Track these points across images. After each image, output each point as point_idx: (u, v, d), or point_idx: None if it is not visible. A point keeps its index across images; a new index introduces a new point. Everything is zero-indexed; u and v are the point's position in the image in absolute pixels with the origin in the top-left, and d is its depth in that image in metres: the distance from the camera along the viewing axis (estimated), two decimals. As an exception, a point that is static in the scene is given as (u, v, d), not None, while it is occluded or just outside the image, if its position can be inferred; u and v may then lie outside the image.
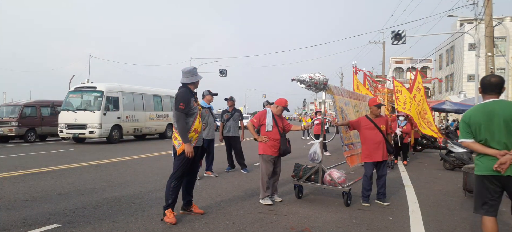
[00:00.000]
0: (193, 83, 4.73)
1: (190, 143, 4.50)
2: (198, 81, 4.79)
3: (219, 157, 9.54)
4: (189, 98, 4.59)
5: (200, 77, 4.78)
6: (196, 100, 4.77)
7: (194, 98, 4.70)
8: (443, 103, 18.53)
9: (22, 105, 17.96)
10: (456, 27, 36.10)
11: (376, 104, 5.81)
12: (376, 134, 5.66)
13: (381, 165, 5.71)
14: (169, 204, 4.50)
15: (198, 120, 4.66)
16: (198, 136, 4.71)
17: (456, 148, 9.77)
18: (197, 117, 4.65)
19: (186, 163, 4.55)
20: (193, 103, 4.65)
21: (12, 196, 5.81)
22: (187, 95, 4.59)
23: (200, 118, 4.72)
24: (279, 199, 5.79)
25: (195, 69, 4.81)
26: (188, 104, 4.55)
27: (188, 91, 4.67)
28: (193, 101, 4.65)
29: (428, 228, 4.60)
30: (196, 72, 4.79)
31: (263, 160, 5.67)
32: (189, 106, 4.56)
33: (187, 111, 4.54)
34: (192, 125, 4.57)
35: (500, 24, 15.80)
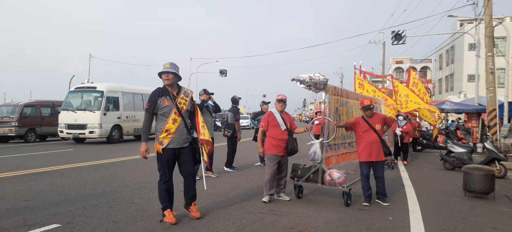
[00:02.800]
0: (161, 77, 4.43)
1: (149, 142, 4.21)
2: (161, 75, 4.39)
3: (219, 157, 9.54)
4: (155, 98, 4.38)
5: (162, 71, 4.38)
6: (174, 99, 4.39)
7: (170, 97, 4.38)
8: (443, 103, 18.53)
9: (22, 105, 17.95)
10: (456, 27, 36.09)
11: (363, 106, 5.81)
12: (371, 134, 5.69)
13: (376, 166, 5.71)
14: (164, 206, 4.50)
15: (172, 120, 4.34)
16: (173, 137, 4.37)
17: (456, 148, 9.77)
18: (170, 116, 4.34)
19: (161, 163, 4.42)
20: (163, 102, 4.36)
21: (12, 196, 5.81)
22: (154, 95, 4.40)
23: (178, 118, 4.37)
24: (287, 198, 5.77)
25: (171, 64, 4.46)
26: (152, 104, 4.37)
27: (158, 90, 4.43)
28: (163, 100, 4.36)
29: (428, 228, 4.60)
30: (168, 66, 4.41)
31: (267, 159, 5.74)
32: (155, 106, 4.37)
33: (152, 111, 4.39)
34: (164, 125, 4.33)
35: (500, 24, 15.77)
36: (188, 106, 4.52)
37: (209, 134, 4.63)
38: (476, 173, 6.29)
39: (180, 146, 4.44)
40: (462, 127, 19.05)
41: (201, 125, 4.60)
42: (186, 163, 4.53)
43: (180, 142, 4.43)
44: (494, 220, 5.05)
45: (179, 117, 4.38)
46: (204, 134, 4.56)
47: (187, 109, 4.50)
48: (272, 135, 5.71)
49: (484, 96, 14.01)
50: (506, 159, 9.91)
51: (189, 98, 4.55)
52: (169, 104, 4.36)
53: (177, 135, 4.39)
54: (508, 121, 14.74)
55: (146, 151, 4.32)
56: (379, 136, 5.70)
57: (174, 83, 4.46)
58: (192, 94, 4.65)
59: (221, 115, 32.00)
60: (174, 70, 4.40)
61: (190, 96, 4.59)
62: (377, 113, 6.04)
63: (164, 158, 4.39)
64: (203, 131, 4.57)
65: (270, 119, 5.79)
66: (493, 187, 6.35)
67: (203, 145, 4.61)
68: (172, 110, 4.35)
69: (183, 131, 4.43)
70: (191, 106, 4.61)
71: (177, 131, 4.38)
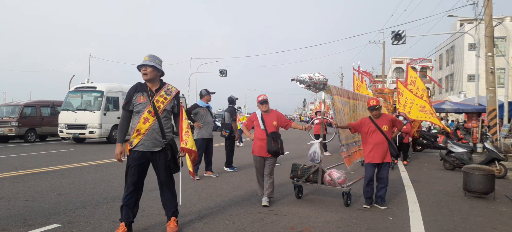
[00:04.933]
0: (140, 71, 3.99)
1: (124, 143, 3.88)
2: (140, 69, 3.96)
3: (219, 157, 9.55)
4: (131, 93, 3.99)
5: (139, 64, 3.96)
6: (152, 96, 3.95)
7: (147, 93, 3.95)
8: (443, 103, 18.54)
9: (22, 105, 17.95)
10: (456, 27, 36.09)
11: (369, 106, 5.76)
12: (377, 135, 5.60)
13: (381, 166, 5.65)
14: (120, 218, 4.00)
15: (143, 119, 3.89)
16: (142, 138, 3.89)
17: (456, 148, 9.78)
18: (142, 115, 3.89)
19: (127, 168, 3.97)
20: (139, 98, 3.94)
21: (12, 196, 5.81)
22: (130, 90, 4.02)
23: (152, 117, 3.91)
24: (265, 202, 5.44)
25: (151, 56, 3.99)
26: (128, 100, 3.99)
27: (135, 86, 4.04)
28: (139, 96, 3.95)
29: (428, 228, 4.60)
30: (147, 59, 3.96)
31: (253, 159, 5.76)
32: (130, 102, 3.98)
33: (127, 108, 3.99)
34: (135, 124, 3.92)
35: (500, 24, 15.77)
36: (168, 106, 4.00)
37: (193, 143, 4.19)
38: (476, 173, 6.29)
39: (150, 150, 3.92)
40: (462, 127, 19.05)
41: (184, 131, 4.11)
42: (159, 171, 4.04)
43: (150, 145, 3.92)
44: (494, 220, 5.05)
45: (153, 117, 3.90)
46: (187, 142, 4.10)
47: (166, 109, 3.99)
48: (255, 135, 5.70)
49: (484, 96, 14.01)
50: (506, 159, 9.91)
51: (171, 97, 4.03)
52: (144, 102, 3.92)
53: (147, 137, 3.89)
54: (508, 121, 14.74)
55: (121, 153, 3.89)
56: (386, 137, 5.59)
57: (154, 78, 3.99)
58: (177, 93, 4.15)
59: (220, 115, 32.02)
60: (152, 63, 3.92)
61: (173, 95, 4.07)
62: (384, 114, 5.97)
63: (130, 160, 3.93)
64: (186, 138, 4.10)
65: (253, 118, 5.80)
66: (493, 187, 6.36)
67: (184, 153, 4.18)
68: (146, 108, 3.90)
69: (155, 132, 3.91)
70: (174, 106, 4.09)
71: (148, 132, 3.89)
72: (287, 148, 6.32)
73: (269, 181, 5.53)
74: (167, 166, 3.98)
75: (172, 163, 3.98)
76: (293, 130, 6.15)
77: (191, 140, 4.18)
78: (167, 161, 3.96)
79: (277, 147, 5.42)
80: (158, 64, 3.97)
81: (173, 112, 4.12)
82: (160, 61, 4.05)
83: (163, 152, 3.96)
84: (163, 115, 3.97)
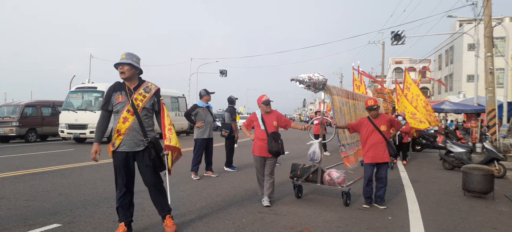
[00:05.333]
0: (117, 70, 3.89)
1: (106, 143, 3.95)
2: (117, 68, 3.85)
3: (219, 157, 9.57)
4: (110, 93, 3.92)
5: (116, 62, 3.86)
6: (130, 94, 3.86)
7: (126, 92, 3.86)
8: (443, 103, 18.57)
9: (23, 105, 17.96)
10: (455, 27, 36.11)
11: (367, 107, 5.79)
12: (376, 135, 5.62)
13: (380, 166, 5.66)
14: (119, 218, 4.03)
15: (122, 119, 3.80)
16: (123, 139, 3.82)
17: (456, 148, 9.79)
18: (121, 115, 3.82)
19: (115, 171, 3.93)
20: (117, 98, 3.86)
21: (13, 196, 5.83)
22: (109, 90, 3.94)
23: (131, 116, 3.81)
24: (266, 203, 5.47)
25: (127, 54, 3.88)
26: (107, 100, 3.94)
27: (114, 85, 3.95)
28: (117, 95, 3.87)
29: (428, 228, 4.62)
30: (123, 57, 3.85)
31: (253, 159, 5.76)
32: (109, 102, 3.92)
33: (106, 108, 3.93)
34: (115, 124, 3.85)
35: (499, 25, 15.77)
36: (147, 104, 3.89)
37: (177, 140, 3.97)
38: (475, 173, 6.31)
39: (132, 149, 3.85)
40: (461, 127, 19.08)
41: (167, 128, 3.92)
42: (144, 171, 3.94)
43: (132, 145, 3.85)
44: (494, 220, 5.07)
45: (132, 116, 3.81)
46: (171, 139, 3.89)
47: (145, 107, 3.88)
48: (255, 135, 5.71)
49: (483, 96, 14.04)
50: (505, 159, 9.93)
51: (150, 95, 3.92)
52: (122, 101, 3.84)
53: (128, 137, 3.82)
54: (507, 121, 14.77)
55: (95, 152, 3.83)
56: (384, 137, 5.61)
57: (132, 76, 3.88)
58: (157, 90, 4.01)
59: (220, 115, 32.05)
60: (129, 61, 3.80)
61: (153, 92, 3.95)
62: (382, 114, 6.00)
63: (115, 161, 3.89)
64: (170, 135, 3.90)
65: (253, 118, 5.80)
66: (492, 187, 6.38)
67: (169, 151, 3.95)
68: (125, 108, 3.81)
69: (136, 131, 3.84)
70: (154, 104, 3.97)
71: (128, 131, 3.81)
72: (287, 148, 6.34)
73: (270, 181, 5.54)
74: (152, 164, 3.88)
75: (157, 161, 3.89)
76: (292, 129, 6.17)
77: (175, 137, 3.96)
78: (151, 160, 3.86)
79: (278, 147, 5.43)
80: (135, 62, 3.86)
81: (154, 110, 4.01)
82: (138, 59, 3.95)
83: (147, 151, 3.87)
84: (143, 113, 3.88)
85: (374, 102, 5.74)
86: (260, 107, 5.69)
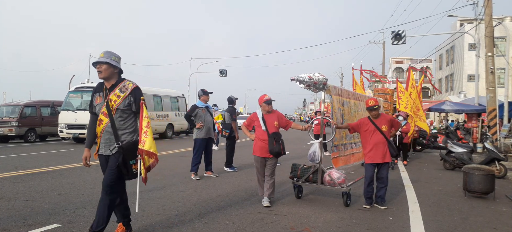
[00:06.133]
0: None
1: (89, 148, 3.69)
2: (95, 67, 3.62)
3: (219, 157, 9.56)
4: (92, 94, 3.76)
5: (94, 62, 3.65)
6: (106, 95, 3.62)
7: (103, 92, 3.66)
8: (443, 103, 18.55)
9: (22, 105, 17.94)
10: (456, 27, 36.11)
11: (368, 107, 5.76)
12: (377, 135, 5.60)
13: (381, 166, 5.64)
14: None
15: (98, 122, 3.63)
16: (100, 142, 3.67)
17: (456, 148, 9.78)
18: (98, 117, 3.64)
19: (103, 172, 3.76)
20: (96, 99, 3.70)
21: (12, 196, 5.81)
22: (93, 91, 3.78)
23: (105, 118, 3.61)
24: (266, 203, 5.44)
25: (106, 53, 3.66)
26: (90, 102, 3.78)
27: (96, 86, 3.78)
28: (97, 97, 3.71)
29: (428, 228, 4.60)
30: (102, 55, 3.64)
31: (253, 160, 5.73)
32: (91, 104, 3.76)
33: (90, 111, 3.78)
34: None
35: (500, 24, 15.75)
36: (121, 104, 3.61)
37: (152, 144, 3.56)
38: (476, 173, 6.29)
39: (107, 153, 3.66)
40: (462, 127, 19.06)
41: (144, 131, 3.56)
42: (106, 173, 3.71)
43: (106, 148, 3.65)
44: (494, 220, 5.06)
45: (106, 117, 3.60)
46: (145, 143, 3.52)
47: (119, 108, 3.61)
48: (256, 135, 5.68)
49: (484, 96, 14.01)
50: (506, 159, 9.92)
51: (125, 95, 3.63)
52: (100, 102, 3.65)
53: (103, 140, 3.65)
54: (508, 121, 14.74)
55: (86, 158, 3.70)
56: (385, 137, 5.59)
57: (110, 76, 3.64)
58: (134, 88, 3.69)
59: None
60: (107, 60, 3.58)
61: (129, 91, 3.65)
62: (383, 114, 5.97)
63: (100, 165, 3.76)
64: (145, 138, 3.53)
65: (254, 118, 5.76)
66: (493, 187, 6.36)
67: (142, 156, 3.56)
68: (101, 109, 3.63)
69: (109, 135, 3.62)
70: (130, 104, 3.66)
71: (103, 134, 3.63)
72: (287, 148, 6.32)
73: (270, 181, 5.52)
74: (118, 171, 3.63)
75: (123, 168, 3.60)
76: (293, 130, 6.15)
77: (150, 141, 3.54)
78: (117, 166, 3.59)
79: (279, 148, 5.40)
80: (114, 61, 3.63)
81: (132, 110, 3.69)
82: (118, 58, 3.72)
83: (116, 155, 3.61)
84: (117, 115, 3.61)
85: (375, 102, 5.71)
86: (262, 107, 5.66)
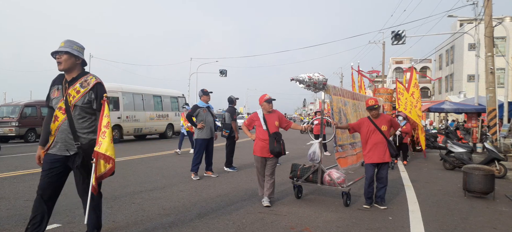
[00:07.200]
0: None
1: (43, 146, 3.34)
2: (54, 57, 3.27)
3: (219, 157, 9.56)
4: (50, 87, 3.40)
5: (53, 51, 3.28)
6: (66, 88, 3.27)
7: (62, 86, 3.30)
8: (443, 103, 18.57)
9: (22, 105, 17.94)
10: (456, 27, 36.11)
11: (368, 106, 5.77)
12: (377, 135, 5.60)
13: (381, 166, 5.64)
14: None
15: (54, 118, 3.29)
16: (54, 140, 3.27)
17: (456, 148, 9.78)
18: (54, 112, 3.30)
19: (42, 172, 3.30)
20: (54, 93, 3.35)
21: (12, 196, 5.82)
22: (51, 83, 3.41)
23: (62, 114, 3.25)
24: (266, 203, 5.44)
25: (66, 42, 3.29)
26: (47, 95, 3.43)
27: (54, 78, 3.43)
28: (54, 90, 3.35)
29: (428, 228, 4.60)
30: (62, 45, 3.27)
31: (254, 160, 5.73)
32: (48, 97, 3.41)
33: (47, 105, 3.44)
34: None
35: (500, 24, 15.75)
36: (79, 101, 3.25)
37: (109, 147, 3.18)
38: (476, 173, 6.30)
39: (62, 153, 3.28)
40: (462, 127, 19.07)
41: (102, 131, 3.18)
42: (77, 179, 3.44)
43: (62, 148, 3.27)
44: (494, 220, 5.06)
45: (63, 114, 3.25)
46: (101, 145, 3.15)
47: (77, 105, 3.25)
48: (257, 135, 5.67)
49: (484, 96, 14.02)
50: (506, 159, 9.92)
51: (85, 90, 3.26)
52: (57, 96, 3.30)
53: (57, 138, 3.27)
54: (508, 121, 14.75)
55: (39, 157, 3.36)
56: (385, 137, 5.59)
57: (72, 67, 3.27)
58: (96, 83, 3.32)
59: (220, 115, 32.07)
60: (67, 49, 3.22)
61: (90, 87, 3.28)
62: (383, 114, 5.99)
63: (43, 163, 3.31)
64: (102, 140, 3.16)
65: (254, 118, 5.75)
66: (493, 187, 6.36)
67: (97, 160, 3.18)
68: (58, 104, 3.28)
69: (65, 134, 3.25)
70: (91, 101, 3.30)
71: (57, 132, 3.26)
72: (287, 148, 6.32)
73: (270, 181, 5.52)
74: (79, 174, 3.35)
75: (82, 170, 3.31)
76: (293, 130, 6.16)
77: (107, 143, 3.17)
78: (76, 168, 3.30)
79: (280, 148, 5.39)
80: (75, 51, 3.26)
81: (93, 108, 3.33)
82: (80, 48, 3.34)
83: (77, 156, 3.28)
84: (76, 112, 3.26)
85: (375, 102, 5.72)
86: (262, 106, 5.67)
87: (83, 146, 3.27)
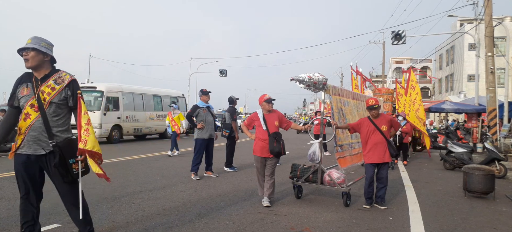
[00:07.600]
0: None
1: (13, 146, 3.19)
2: (21, 54, 3.16)
3: (219, 157, 9.55)
4: (15, 85, 3.25)
5: (19, 48, 3.16)
6: (37, 86, 3.14)
7: (32, 84, 3.16)
8: (443, 103, 18.56)
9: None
10: (456, 27, 36.10)
11: (368, 106, 5.77)
12: (377, 135, 5.59)
13: (381, 166, 5.64)
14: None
15: (24, 116, 3.13)
16: (24, 139, 3.14)
17: (456, 148, 9.78)
18: (23, 110, 3.15)
19: (16, 177, 3.22)
20: (22, 91, 3.19)
21: (12, 196, 5.81)
22: (15, 82, 3.27)
23: (34, 112, 3.12)
24: (266, 203, 5.43)
25: (33, 38, 3.19)
26: (11, 94, 3.28)
27: (20, 77, 3.28)
28: (22, 88, 3.20)
29: (428, 228, 4.60)
30: (29, 41, 3.16)
31: (254, 160, 5.73)
32: (14, 96, 3.25)
33: (11, 103, 3.28)
34: (18, 122, 3.20)
35: (500, 24, 15.75)
36: (55, 98, 3.15)
37: (95, 143, 3.17)
38: (476, 173, 6.30)
39: (34, 153, 3.14)
40: (462, 127, 19.07)
41: (84, 129, 3.13)
42: (53, 179, 3.25)
43: (34, 147, 3.14)
44: (494, 220, 5.06)
45: (36, 112, 3.12)
46: (86, 142, 3.10)
47: (53, 102, 3.15)
48: (256, 135, 5.66)
49: (484, 96, 14.02)
50: (506, 159, 9.92)
51: (61, 87, 3.17)
52: (27, 94, 3.15)
53: (29, 137, 3.13)
54: (508, 121, 14.74)
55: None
56: (385, 137, 5.59)
57: (40, 64, 3.16)
58: (71, 81, 3.23)
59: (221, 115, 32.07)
60: (34, 46, 3.10)
61: (66, 83, 3.20)
62: (383, 114, 5.98)
63: (15, 165, 3.19)
64: (86, 137, 3.11)
65: (254, 118, 5.75)
66: (493, 187, 6.36)
67: (84, 156, 3.17)
68: (28, 102, 3.13)
69: (38, 132, 3.13)
70: (67, 98, 3.21)
71: (29, 131, 3.12)
72: (287, 148, 6.32)
73: (270, 181, 5.51)
74: (57, 173, 3.16)
75: (61, 169, 3.13)
76: (292, 130, 6.16)
77: (92, 139, 3.16)
78: (54, 167, 3.13)
79: (280, 148, 5.38)
80: (43, 47, 3.15)
81: (68, 106, 3.24)
82: (49, 45, 3.24)
83: (52, 155, 3.16)
84: (51, 110, 3.16)
85: (375, 102, 5.71)
86: (262, 106, 5.66)
87: (59, 144, 3.16)
